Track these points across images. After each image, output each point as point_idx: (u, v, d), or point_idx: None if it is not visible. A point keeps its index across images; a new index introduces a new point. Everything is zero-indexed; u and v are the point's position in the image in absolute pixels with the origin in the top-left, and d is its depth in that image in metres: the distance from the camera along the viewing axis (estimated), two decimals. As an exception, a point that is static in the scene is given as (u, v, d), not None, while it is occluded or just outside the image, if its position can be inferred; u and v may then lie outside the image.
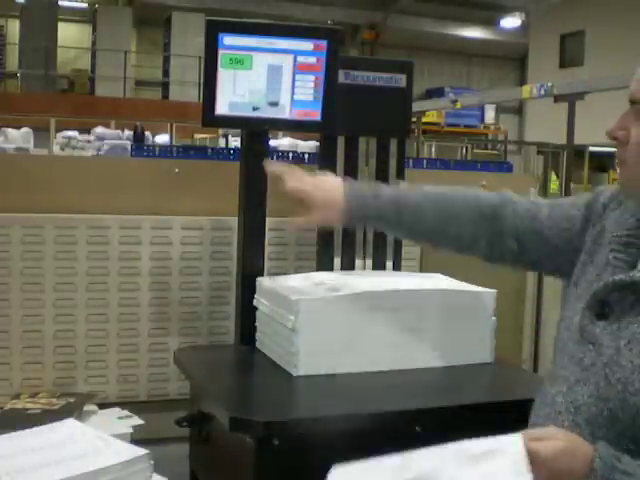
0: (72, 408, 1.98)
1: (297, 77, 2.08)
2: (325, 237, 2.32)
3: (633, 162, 1.28)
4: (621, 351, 1.23)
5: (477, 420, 1.64)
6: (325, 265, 2.30)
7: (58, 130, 11.22)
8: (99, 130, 11.00)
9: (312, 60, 2.08)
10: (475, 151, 15.97)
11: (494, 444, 1.18)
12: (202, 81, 2.14)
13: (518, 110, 21.22)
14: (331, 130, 2.23)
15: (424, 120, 12.04)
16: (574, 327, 1.33)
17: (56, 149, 10.29)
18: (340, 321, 1.82)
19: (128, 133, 11.20)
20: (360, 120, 2.31)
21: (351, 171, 2.33)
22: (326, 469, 1.56)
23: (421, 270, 2.61)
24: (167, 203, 2.42)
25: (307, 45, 2.08)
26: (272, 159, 2.52)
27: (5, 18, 18.41)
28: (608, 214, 1.40)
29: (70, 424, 1.65)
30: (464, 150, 15.31)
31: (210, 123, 2.13)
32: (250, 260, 2.17)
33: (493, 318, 1.98)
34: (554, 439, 1.18)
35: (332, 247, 2.31)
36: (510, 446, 1.16)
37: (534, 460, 1.13)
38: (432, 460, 1.20)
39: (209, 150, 2.80)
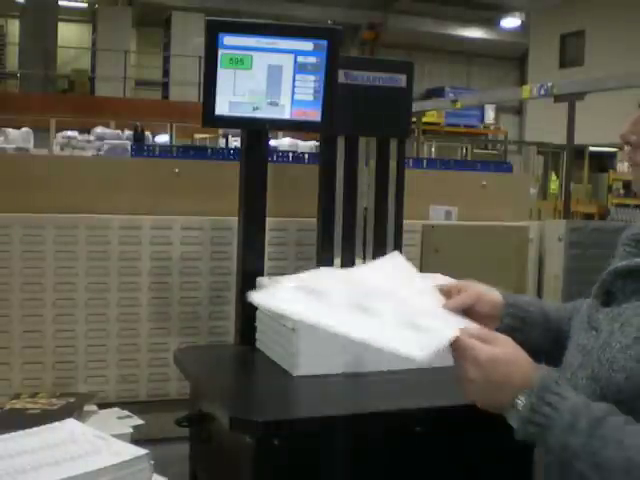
0: (72, 408, 1.97)
1: (297, 77, 2.08)
2: (325, 237, 2.32)
3: None
4: (614, 333, 1.26)
5: (477, 420, 1.64)
6: (325, 265, 2.30)
7: (58, 130, 11.23)
8: (99, 130, 11.00)
9: (312, 60, 2.08)
10: (475, 151, 16.00)
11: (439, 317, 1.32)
12: (202, 81, 2.14)
13: (518, 110, 21.23)
14: (331, 130, 2.23)
15: (424, 120, 12.04)
16: (583, 317, 1.39)
17: (56, 149, 10.29)
18: (340, 321, 1.82)
19: (128, 133, 11.20)
20: (360, 120, 2.31)
21: (351, 171, 2.33)
22: (326, 469, 1.56)
23: (421, 270, 2.60)
24: (167, 203, 2.42)
25: (307, 45, 2.07)
26: (272, 159, 2.52)
27: (5, 18, 18.42)
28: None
29: (70, 424, 1.65)
30: (464, 150, 15.33)
31: (210, 123, 2.13)
32: (250, 260, 2.17)
33: (493, 318, 1.98)
34: (496, 345, 1.22)
35: (332, 247, 2.31)
36: (448, 326, 1.26)
37: (473, 360, 1.21)
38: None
39: (209, 150, 2.79)
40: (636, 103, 1.37)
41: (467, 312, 1.45)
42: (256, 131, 2.18)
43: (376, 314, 1.33)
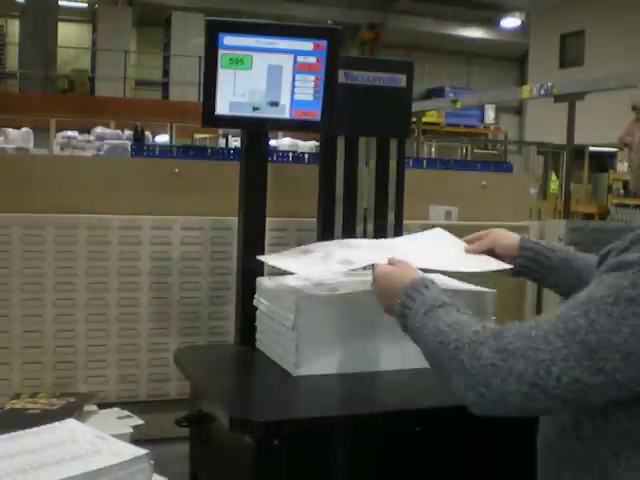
0: (72, 408, 1.97)
1: (297, 77, 2.08)
2: (325, 237, 2.32)
3: (637, 164, 1.38)
4: None
5: (477, 420, 1.64)
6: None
7: (58, 130, 11.22)
8: (99, 130, 11.00)
9: (312, 60, 2.08)
10: (475, 151, 15.99)
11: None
12: (202, 81, 2.14)
13: (518, 110, 21.22)
14: (331, 130, 2.23)
15: (424, 120, 12.04)
16: None
17: (56, 149, 10.29)
18: (340, 321, 1.82)
19: (128, 133, 11.19)
20: (360, 120, 2.31)
21: (351, 171, 2.33)
22: (326, 469, 1.56)
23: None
24: (167, 203, 2.42)
25: (307, 45, 2.07)
26: (272, 159, 2.52)
27: (5, 18, 18.41)
28: None
29: (70, 424, 1.65)
30: (464, 150, 15.32)
31: (210, 123, 2.13)
32: (250, 260, 2.17)
33: (493, 318, 1.98)
34: (397, 266, 1.56)
35: (332, 247, 2.31)
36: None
37: (374, 274, 1.59)
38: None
39: (209, 150, 2.79)
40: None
41: (489, 253, 1.80)
42: (256, 131, 2.18)
43: (328, 257, 1.78)
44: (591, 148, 13.97)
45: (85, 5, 19.79)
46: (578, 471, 1.30)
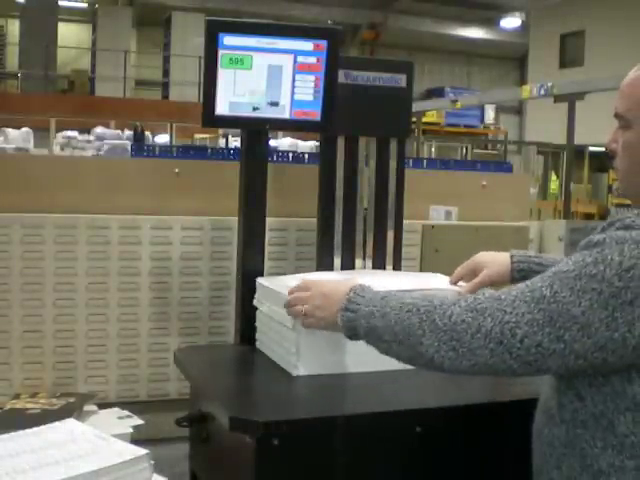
0: (72, 408, 1.98)
1: (297, 77, 2.08)
2: (325, 237, 2.32)
3: (621, 168, 1.43)
4: None
5: (477, 420, 1.64)
6: (325, 265, 2.30)
7: (58, 130, 11.21)
8: (99, 130, 10.99)
9: (312, 60, 2.08)
10: (475, 151, 15.99)
11: None
12: (202, 81, 2.14)
13: (518, 110, 21.22)
14: (331, 130, 2.23)
15: (424, 120, 12.05)
16: None
17: (56, 149, 10.29)
18: (340, 321, 1.82)
19: (128, 133, 11.18)
20: (360, 120, 2.31)
21: (351, 171, 2.33)
22: (326, 469, 1.56)
23: (421, 270, 2.61)
24: (167, 203, 2.42)
25: (307, 45, 2.08)
26: (272, 159, 2.52)
27: (5, 18, 18.42)
28: None
29: (70, 424, 1.65)
30: (464, 150, 15.32)
31: (210, 123, 2.13)
32: (250, 260, 2.17)
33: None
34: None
35: (332, 247, 2.31)
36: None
37: (301, 286, 1.69)
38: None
39: (209, 150, 2.79)
40: None
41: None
42: (256, 131, 2.18)
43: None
44: (591, 148, 13.96)
45: (85, 5, 19.79)
46: (562, 455, 1.34)
